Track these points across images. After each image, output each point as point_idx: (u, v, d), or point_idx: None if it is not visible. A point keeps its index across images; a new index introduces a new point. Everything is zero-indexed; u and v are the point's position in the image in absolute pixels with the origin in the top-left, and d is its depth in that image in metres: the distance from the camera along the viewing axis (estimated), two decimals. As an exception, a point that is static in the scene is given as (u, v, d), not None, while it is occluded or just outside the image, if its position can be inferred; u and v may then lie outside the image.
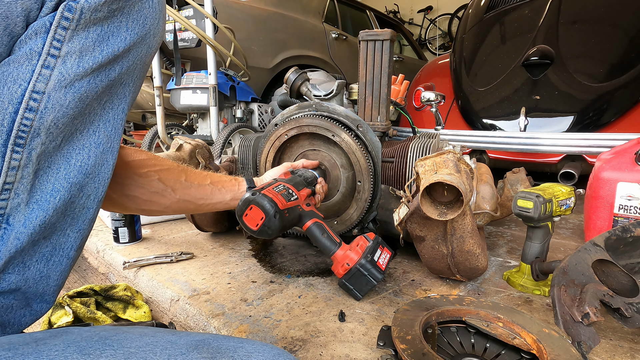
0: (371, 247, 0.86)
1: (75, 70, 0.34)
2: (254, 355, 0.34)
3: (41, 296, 0.41)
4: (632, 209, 1.05)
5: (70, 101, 0.34)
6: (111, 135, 0.40)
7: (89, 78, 0.35)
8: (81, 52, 0.34)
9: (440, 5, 7.13)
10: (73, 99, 0.35)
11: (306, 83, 1.23)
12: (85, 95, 0.35)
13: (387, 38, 1.10)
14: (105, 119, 0.39)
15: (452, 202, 0.80)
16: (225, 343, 0.35)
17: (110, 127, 0.40)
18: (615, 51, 2.01)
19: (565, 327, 0.69)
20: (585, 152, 1.83)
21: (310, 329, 0.77)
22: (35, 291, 0.40)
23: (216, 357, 0.32)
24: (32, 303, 0.40)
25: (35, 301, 0.40)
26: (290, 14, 3.36)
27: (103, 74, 0.36)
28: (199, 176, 0.78)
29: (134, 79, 0.41)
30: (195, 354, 0.32)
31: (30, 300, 0.40)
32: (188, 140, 1.22)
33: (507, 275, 1.00)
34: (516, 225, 1.50)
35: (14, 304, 0.38)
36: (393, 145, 1.16)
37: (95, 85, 0.36)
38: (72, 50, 0.34)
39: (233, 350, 0.34)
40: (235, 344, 0.35)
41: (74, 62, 0.34)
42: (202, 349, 0.33)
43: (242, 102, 2.63)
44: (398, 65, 4.58)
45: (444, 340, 0.70)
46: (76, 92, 0.35)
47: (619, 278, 0.70)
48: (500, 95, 2.14)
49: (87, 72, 0.35)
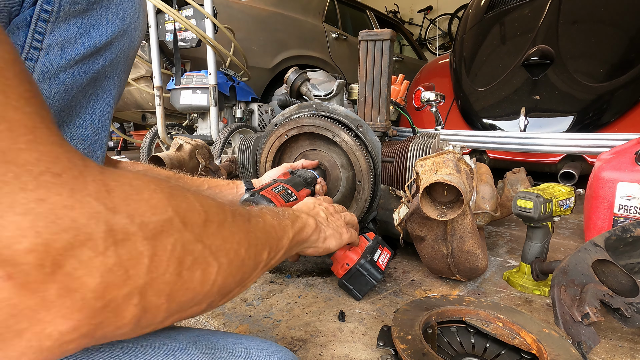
0: (371, 247, 0.86)
1: (58, 61, 0.34)
2: (253, 351, 0.34)
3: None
4: (632, 209, 1.05)
5: (56, 92, 0.35)
6: (98, 128, 0.40)
7: (72, 69, 0.35)
8: (63, 44, 0.34)
9: (440, 5, 7.14)
10: (58, 90, 0.35)
11: (306, 83, 1.23)
12: (70, 87, 0.36)
13: (387, 38, 1.10)
14: (91, 111, 0.39)
15: (452, 202, 0.80)
16: (224, 339, 0.35)
17: (97, 120, 0.40)
18: (615, 51, 2.01)
19: (565, 327, 0.69)
20: (585, 152, 1.83)
21: (310, 329, 0.77)
22: None
23: (215, 353, 0.32)
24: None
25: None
26: (290, 14, 3.36)
27: (87, 66, 0.37)
28: (196, 182, 0.78)
29: (119, 72, 0.42)
30: (194, 350, 0.32)
31: None
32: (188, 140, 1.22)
33: (507, 275, 1.00)
34: (516, 225, 1.50)
35: None
36: (393, 145, 1.16)
37: (79, 77, 0.36)
38: (54, 43, 0.34)
39: (232, 346, 0.34)
40: (234, 340, 0.35)
41: (56, 53, 0.34)
42: (200, 345, 0.33)
43: (242, 102, 2.63)
44: (398, 65, 4.58)
45: (444, 340, 0.70)
46: (60, 83, 0.35)
47: (619, 278, 0.70)
48: (500, 95, 2.14)
49: (70, 63, 0.35)
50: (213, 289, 0.31)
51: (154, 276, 0.25)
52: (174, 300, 0.26)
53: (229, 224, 0.34)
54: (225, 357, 0.32)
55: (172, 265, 0.26)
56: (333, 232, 0.65)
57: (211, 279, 0.30)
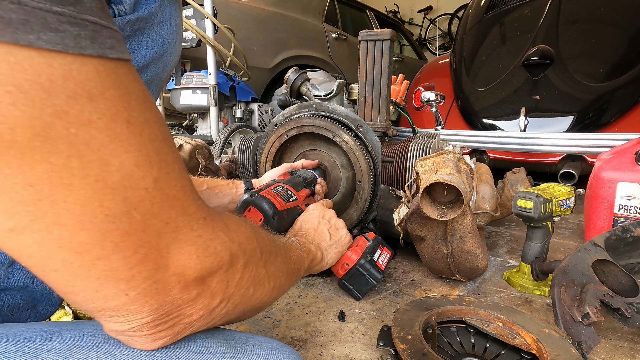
0: (371, 247, 0.86)
1: None
2: (265, 344, 0.37)
3: (47, 298, 0.41)
4: (632, 209, 1.05)
5: None
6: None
7: None
8: None
9: (440, 5, 7.13)
10: None
11: (306, 83, 1.23)
12: None
13: (387, 38, 1.10)
14: None
15: (452, 202, 0.80)
16: (238, 334, 0.37)
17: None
18: (615, 51, 2.01)
19: (565, 327, 0.69)
20: (585, 152, 1.83)
21: (310, 329, 0.77)
22: (42, 291, 0.40)
23: (231, 343, 0.35)
24: (38, 305, 0.41)
25: (42, 303, 0.41)
26: (290, 14, 3.36)
27: None
28: (195, 182, 0.78)
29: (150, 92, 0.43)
30: (213, 339, 0.34)
31: (37, 301, 0.40)
32: (188, 140, 1.22)
33: (507, 275, 1.00)
34: (516, 225, 1.50)
35: (21, 303, 0.39)
36: (393, 145, 1.16)
37: None
38: None
39: (245, 339, 0.36)
40: (247, 335, 0.38)
41: None
42: (218, 336, 0.35)
43: (242, 102, 2.63)
44: (398, 65, 4.58)
45: (444, 340, 0.70)
46: None
47: (619, 278, 0.70)
48: (500, 95, 2.14)
49: None
50: (258, 304, 0.39)
51: (238, 288, 0.34)
52: (236, 308, 0.35)
53: (280, 255, 0.44)
54: (240, 347, 0.35)
55: (248, 282, 0.35)
56: (335, 251, 0.75)
57: (260, 297, 0.38)
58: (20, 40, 0.19)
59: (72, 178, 0.22)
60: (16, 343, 0.28)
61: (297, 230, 0.74)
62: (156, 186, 0.26)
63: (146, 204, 0.26)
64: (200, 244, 0.29)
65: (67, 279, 0.25)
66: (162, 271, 0.27)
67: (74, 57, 0.21)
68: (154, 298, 0.27)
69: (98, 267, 0.25)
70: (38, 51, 0.20)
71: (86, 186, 0.23)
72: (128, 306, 0.26)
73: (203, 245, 0.30)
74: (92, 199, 0.23)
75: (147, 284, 0.26)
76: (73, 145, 0.22)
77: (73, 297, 0.26)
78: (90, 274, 0.25)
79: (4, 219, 0.22)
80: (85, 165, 0.22)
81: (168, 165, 0.27)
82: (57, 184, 0.22)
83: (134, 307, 0.27)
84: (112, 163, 0.24)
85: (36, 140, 0.21)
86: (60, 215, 0.22)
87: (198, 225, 0.29)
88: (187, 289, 0.29)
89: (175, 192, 0.28)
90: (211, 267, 0.30)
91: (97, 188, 0.23)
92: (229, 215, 0.36)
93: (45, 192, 0.22)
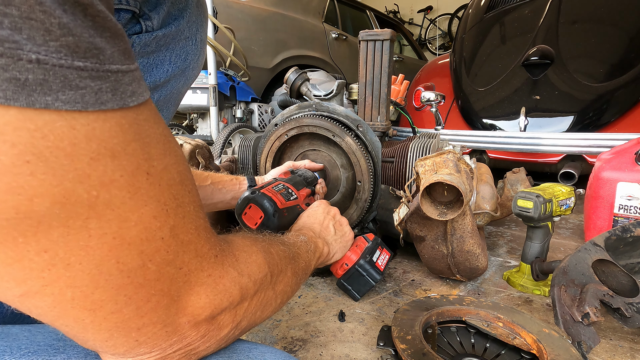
0: (370, 247, 0.86)
1: None
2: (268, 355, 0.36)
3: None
4: (632, 209, 1.05)
5: None
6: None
7: None
8: None
9: (440, 5, 7.13)
10: None
11: (306, 83, 1.23)
12: None
13: (387, 38, 1.10)
14: None
15: (452, 202, 0.80)
16: (240, 344, 0.36)
17: None
18: (615, 51, 2.00)
19: (565, 327, 0.69)
20: (585, 152, 1.83)
21: (310, 329, 0.77)
22: None
23: (232, 357, 0.34)
24: None
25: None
26: (290, 14, 3.36)
27: None
28: (200, 177, 0.77)
29: (169, 106, 0.44)
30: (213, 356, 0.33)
31: None
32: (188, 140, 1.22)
33: (507, 275, 1.00)
34: (516, 225, 1.50)
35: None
36: (393, 145, 1.16)
37: None
38: None
39: (248, 350, 0.36)
40: (250, 345, 0.37)
41: None
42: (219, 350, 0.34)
43: (242, 102, 2.63)
44: (398, 65, 4.58)
45: (444, 340, 0.70)
46: None
47: (619, 278, 0.70)
48: (500, 95, 2.13)
49: None
50: (265, 319, 0.40)
51: (246, 315, 0.34)
52: (243, 330, 0.35)
53: (290, 269, 0.45)
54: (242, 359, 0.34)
55: (257, 307, 0.36)
56: (340, 246, 0.75)
57: (267, 315, 0.39)
58: (36, 103, 0.18)
59: (89, 239, 0.21)
60: (20, 357, 0.28)
61: (302, 224, 0.72)
62: (172, 234, 0.25)
63: (162, 254, 0.25)
64: (210, 283, 0.29)
65: (77, 332, 0.24)
66: (172, 315, 0.27)
67: (96, 115, 0.20)
68: (163, 340, 0.27)
69: (110, 321, 0.24)
70: (59, 113, 0.18)
71: (102, 245, 0.22)
72: (137, 350, 0.26)
73: (212, 284, 0.29)
74: (109, 256, 0.22)
75: (157, 329, 0.26)
76: (93, 207, 0.21)
77: (81, 343, 0.26)
78: (101, 327, 0.24)
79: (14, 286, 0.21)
80: (103, 225, 0.21)
81: (184, 208, 0.27)
82: (74, 246, 0.21)
83: (143, 349, 0.27)
84: (131, 219, 0.22)
85: (55, 208, 0.19)
86: (75, 278, 0.21)
87: (209, 265, 0.29)
88: (196, 328, 0.29)
89: (190, 236, 0.27)
90: (220, 304, 0.30)
91: (114, 245, 0.22)
92: (240, 243, 0.36)
93: (60, 256, 0.20)
